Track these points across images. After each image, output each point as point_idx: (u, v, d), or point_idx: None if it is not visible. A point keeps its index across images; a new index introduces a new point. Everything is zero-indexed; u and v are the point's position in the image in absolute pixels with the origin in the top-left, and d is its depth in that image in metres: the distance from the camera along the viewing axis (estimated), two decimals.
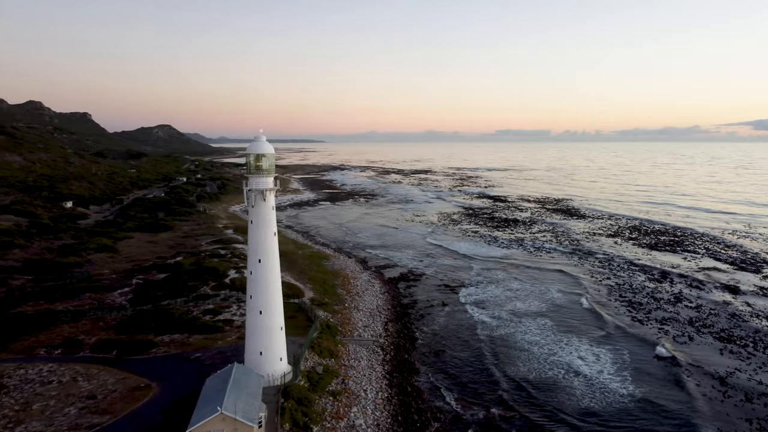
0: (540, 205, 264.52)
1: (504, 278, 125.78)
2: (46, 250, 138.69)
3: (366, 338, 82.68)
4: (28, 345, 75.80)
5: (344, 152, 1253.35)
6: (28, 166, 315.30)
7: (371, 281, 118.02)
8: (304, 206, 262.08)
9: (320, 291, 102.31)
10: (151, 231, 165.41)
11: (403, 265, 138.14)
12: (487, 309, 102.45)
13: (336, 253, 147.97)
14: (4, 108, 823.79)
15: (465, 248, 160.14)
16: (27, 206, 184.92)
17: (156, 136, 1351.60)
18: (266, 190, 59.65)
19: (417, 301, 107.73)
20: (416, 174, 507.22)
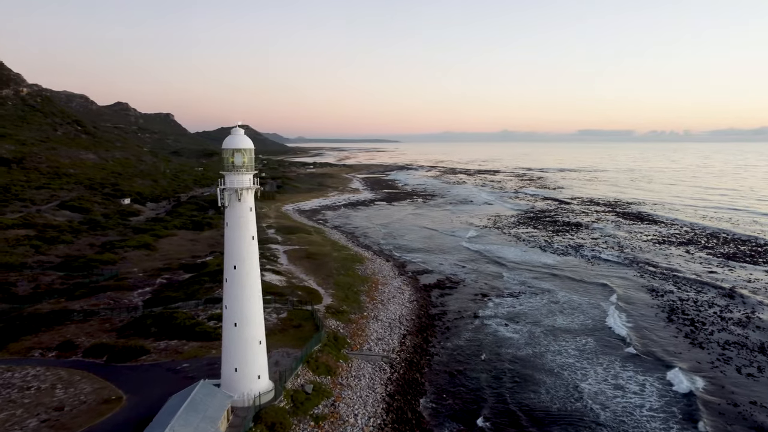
0: (608, 209, 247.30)
1: (549, 289, 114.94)
2: (89, 246, 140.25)
3: (375, 353, 75.46)
4: (28, 345, 73.83)
5: (415, 152, 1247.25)
6: (101, 163, 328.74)
7: (402, 288, 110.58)
8: (359, 206, 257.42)
9: (341, 297, 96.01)
10: (195, 229, 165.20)
11: (443, 271, 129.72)
12: (521, 324, 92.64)
13: (374, 256, 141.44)
14: (94, 109, 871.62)
15: (514, 254, 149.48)
16: (84, 203, 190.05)
17: None
18: (242, 189, 53.75)
19: (447, 311, 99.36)
20: (482, 174, 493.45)
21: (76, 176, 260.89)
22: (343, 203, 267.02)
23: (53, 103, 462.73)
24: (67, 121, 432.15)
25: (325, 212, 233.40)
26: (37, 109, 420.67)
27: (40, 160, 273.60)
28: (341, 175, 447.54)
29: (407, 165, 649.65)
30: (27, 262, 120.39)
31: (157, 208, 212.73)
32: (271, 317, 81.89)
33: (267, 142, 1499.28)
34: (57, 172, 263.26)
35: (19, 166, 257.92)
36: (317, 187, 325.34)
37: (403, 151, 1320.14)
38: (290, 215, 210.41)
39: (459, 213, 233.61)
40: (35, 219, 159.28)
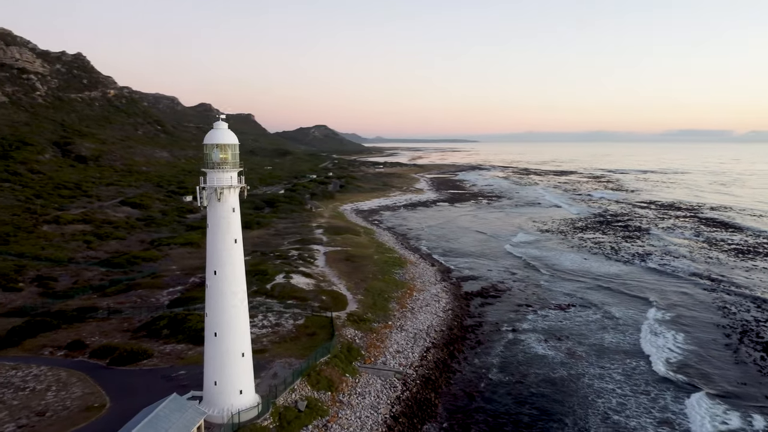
0: (688, 215, 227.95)
1: (604, 302, 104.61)
2: (139, 243, 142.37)
3: (388, 367, 69.52)
4: (42, 343, 73.45)
5: (492, 152, 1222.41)
6: (173, 161, 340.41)
7: (439, 295, 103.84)
8: (419, 207, 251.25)
9: (368, 304, 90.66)
10: (244, 227, 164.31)
11: (490, 278, 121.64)
12: (563, 341, 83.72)
13: (420, 259, 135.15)
14: (179, 109, 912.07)
15: (572, 262, 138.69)
16: (145, 200, 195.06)
17: (312, 135, 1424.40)
18: (223, 188, 49.47)
19: (483, 323, 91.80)
20: (558, 176, 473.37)
21: (147, 174, 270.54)
22: (403, 204, 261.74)
23: (137, 104, 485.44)
24: (148, 121, 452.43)
25: (382, 213, 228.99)
26: (121, 110, 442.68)
27: (115, 157, 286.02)
28: (409, 175, 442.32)
29: (479, 165, 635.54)
30: (75, 257, 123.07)
31: None
32: (287, 324, 77.86)
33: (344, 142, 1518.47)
34: (130, 170, 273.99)
35: (95, 163, 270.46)
36: (381, 187, 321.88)
37: (479, 152, 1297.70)
38: (345, 215, 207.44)
39: (522, 216, 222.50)
40: (95, 215, 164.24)
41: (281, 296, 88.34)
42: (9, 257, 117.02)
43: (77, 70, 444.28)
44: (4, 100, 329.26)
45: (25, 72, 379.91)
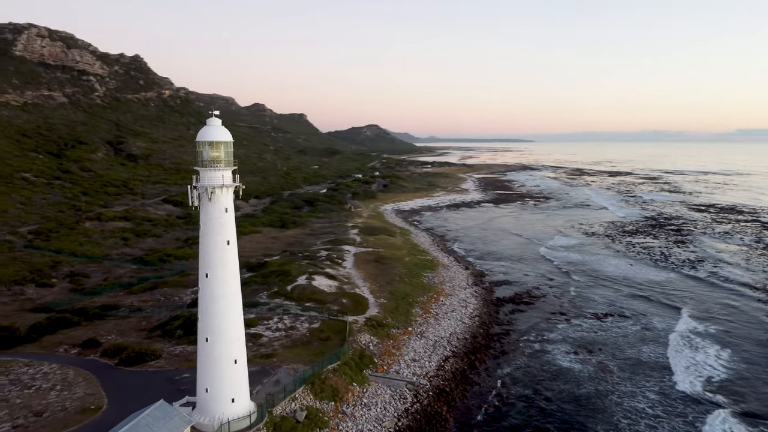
0: (750, 219, 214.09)
1: (646, 312, 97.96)
2: (174, 241, 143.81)
3: (401, 377, 66.18)
4: (59, 340, 73.84)
5: (546, 152, 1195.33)
6: None
7: (467, 301, 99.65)
8: (462, 208, 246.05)
9: (390, 309, 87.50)
10: (281, 227, 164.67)
11: (525, 284, 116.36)
12: (595, 353, 78.25)
13: (453, 262, 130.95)
14: (234, 110, 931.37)
15: (616, 267, 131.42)
16: (186, 198, 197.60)
17: (364, 135, 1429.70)
18: (213, 187, 47.44)
19: (511, 331, 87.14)
20: (612, 176, 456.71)
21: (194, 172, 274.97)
22: (446, 204, 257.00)
23: (190, 105, 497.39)
24: (200, 120, 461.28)
25: (423, 213, 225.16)
26: (175, 110, 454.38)
27: (164, 156, 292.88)
28: (456, 174, 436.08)
29: (531, 165, 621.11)
30: (110, 254, 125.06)
31: (258, 204, 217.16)
32: (302, 327, 75.68)
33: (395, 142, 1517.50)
34: (178, 168, 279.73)
35: (145, 161, 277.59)
36: (425, 187, 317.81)
37: (532, 151, 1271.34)
38: (384, 215, 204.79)
39: (568, 218, 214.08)
40: (136, 212, 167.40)
41: (300, 298, 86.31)
42: (48, 253, 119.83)
43: (134, 72, 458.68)
44: (64, 100, 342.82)
45: (85, 74, 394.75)
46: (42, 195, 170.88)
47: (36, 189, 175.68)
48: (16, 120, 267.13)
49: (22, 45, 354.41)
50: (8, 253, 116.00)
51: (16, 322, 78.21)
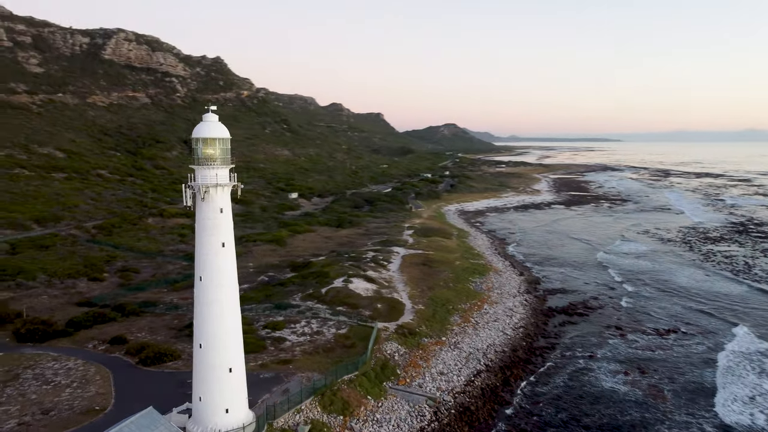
0: None
1: (717, 330, 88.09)
2: None
3: (422, 391, 61.70)
4: (92, 335, 74.67)
5: (632, 152, 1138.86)
6: (292, 159, 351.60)
7: (514, 310, 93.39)
8: (530, 209, 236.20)
9: (426, 315, 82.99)
10: (336, 226, 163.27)
11: (583, 293, 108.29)
12: (648, 374, 70.45)
13: (508, 267, 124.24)
14: (312, 109, 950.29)
15: (690, 278, 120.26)
16: (249, 195, 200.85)
17: (441, 134, 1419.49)
18: (207, 187, 45.07)
19: (557, 345, 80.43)
20: (701, 178, 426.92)
21: (262, 170, 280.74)
22: (514, 205, 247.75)
23: (267, 104, 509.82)
24: (276, 120, 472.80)
25: (488, 214, 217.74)
26: (252, 110, 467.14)
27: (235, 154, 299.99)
28: (531, 174, 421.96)
29: (613, 165, 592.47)
30: (164, 251, 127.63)
31: (320, 203, 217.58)
32: (328, 333, 72.77)
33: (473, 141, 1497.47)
34: (248, 166, 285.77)
35: None
36: (495, 187, 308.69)
37: (618, 151, 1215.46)
38: (445, 216, 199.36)
39: (644, 222, 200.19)
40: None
41: (333, 302, 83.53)
42: (107, 248, 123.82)
43: (215, 73, 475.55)
44: (147, 101, 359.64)
45: (168, 75, 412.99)
46: (113, 191, 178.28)
47: (108, 185, 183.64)
48: (100, 119, 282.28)
49: (111, 49, 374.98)
50: (70, 247, 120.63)
51: (54, 316, 79.99)
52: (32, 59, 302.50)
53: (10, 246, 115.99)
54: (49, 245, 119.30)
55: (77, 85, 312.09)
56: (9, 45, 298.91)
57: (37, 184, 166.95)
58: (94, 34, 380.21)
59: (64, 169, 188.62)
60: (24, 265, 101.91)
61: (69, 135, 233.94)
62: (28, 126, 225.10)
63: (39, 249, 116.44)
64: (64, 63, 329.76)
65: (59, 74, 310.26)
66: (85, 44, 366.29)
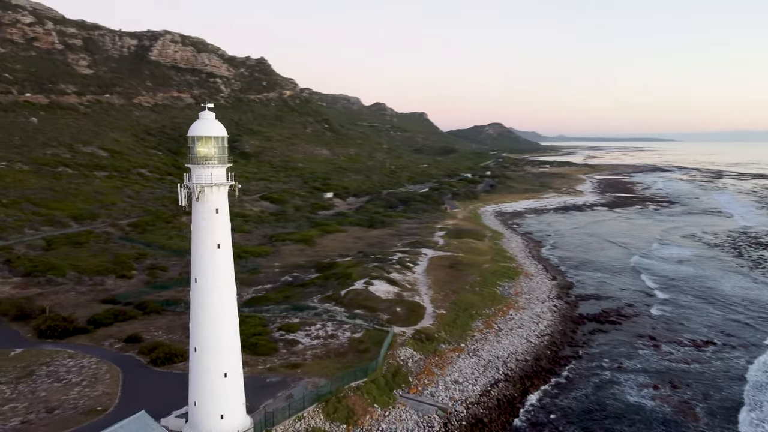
0: None
1: (758, 342, 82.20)
2: (261, 237, 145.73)
3: (433, 400, 59.18)
4: (110, 333, 75.14)
5: (685, 152, 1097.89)
6: (331, 159, 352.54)
7: (542, 316, 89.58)
8: (571, 211, 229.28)
9: (447, 320, 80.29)
10: (368, 226, 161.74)
11: (618, 299, 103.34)
12: (680, 389, 65.90)
13: (540, 271, 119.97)
14: (355, 109, 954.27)
15: (735, 286, 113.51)
16: (285, 195, 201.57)
17: (486, 133, 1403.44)
18: (201, 186, 43.85)
19: (584, 355, 76.43)
20: (756, 179, 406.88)
21: (300, 170, 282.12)
22: (554, 207, 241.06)
23: (310, 104, 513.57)
24: (317, 120, 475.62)
25: (526, 216, 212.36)
26: (294, 110, 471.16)
27: (274, 154, 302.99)
28: (575, 175, 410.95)
29: (663, 166, 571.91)
30: None
31: (355, 203, 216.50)
32: (342, 336, 71.09)
33: (519, 141, 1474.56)
34: (286, 166, 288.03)
35: (256, 159, 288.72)
36: (536, 188, 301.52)
37: (669, 151, 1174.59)
38: (481, 217, 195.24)
39: (690, 226, 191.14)
40: (232, 208, 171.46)
41: (351, 304, 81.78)
42: (138, 245, 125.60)
43: (258, 74, 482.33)
44: (191, 101, 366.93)
45: (213, 76, 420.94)
46: (151, 190, 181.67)
47: (147, 184, 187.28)
48: (144, 119, 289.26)
49: (157, 50, 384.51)
50: (103, 244, 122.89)
51: (76, 312, 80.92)
52: (82, 61, 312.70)
53: (46, 243, 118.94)
54: (83, 242, 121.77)
55: (124, 86, 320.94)
56: (60, 48, 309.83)
57: (78, 182, 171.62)
58: (141, 36, 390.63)
59: (106, 168, 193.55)
60: (55, 262, 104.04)
61: (113, 134, 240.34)
62: (74, 126, 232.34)
63: (73, 246, 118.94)
64: (112, 64, 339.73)
65: (107, 75, 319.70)
66: (133, 46, 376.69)
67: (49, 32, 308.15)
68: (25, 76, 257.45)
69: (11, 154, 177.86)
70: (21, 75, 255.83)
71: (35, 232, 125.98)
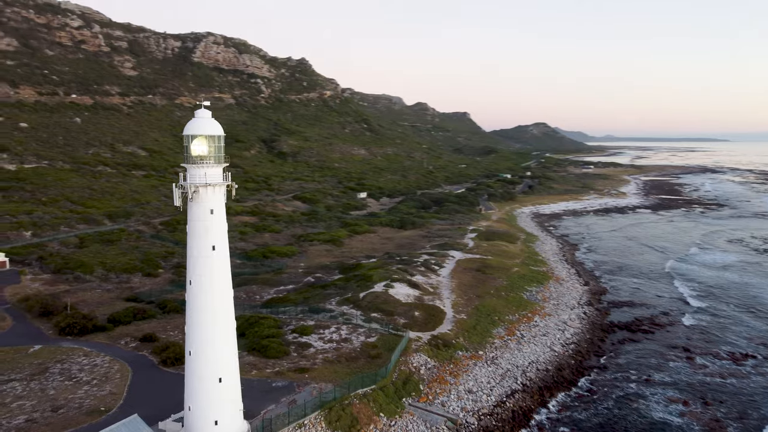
0: None
1: None
2: (290, 236, 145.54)
3: (443, 410, 56.80)
4: (127, 332, 75.43)
5: (741, 152, 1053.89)
6: (369, 158, 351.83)
7: (568, 323, 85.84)
8: (612, 213, 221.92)
9: (467, 326, 77.64)
10: (399, 227, 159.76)
11: (653, 307, 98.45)
12: (713, 406, 61.59)
13: (572, 276, 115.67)
14: (396, 108, 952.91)
15: None
16: (317, 194, 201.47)
17: (530, 134, 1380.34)
18: (196, 186, 42.78)
19: (610, 366, 72.57)
20: None
21: (336, 170, 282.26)
22: (594, 208, 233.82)
23: (349, 104, 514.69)
24: (357, 120, 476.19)
25: (564, 218, 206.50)
26: (333, 110, 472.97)
27: (311, 154, 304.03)
28: (619, 176, 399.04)
29: (714, 167, 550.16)
30: None
31: (389, 203, 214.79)
32: (356, 341, 69.45)
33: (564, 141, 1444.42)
34: (322, 165, 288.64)
35: (293, 159, 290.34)
36: (577, 189, 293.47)
37: (723, 151, 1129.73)
38: (516, 219, 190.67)
39: (738, 230, 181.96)
40: (265, 208, 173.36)
41: (368, 307, 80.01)
42: (168, 244, 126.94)
43: (299, 74, 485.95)
44: (232, 102, 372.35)
45: (254, 77, 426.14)
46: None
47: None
48: (185, 120, 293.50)
49: (200, 52, 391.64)
50: (134, 242, 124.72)
51: (97, 311, 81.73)
52: (127, 63, 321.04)
53: (79, 240, 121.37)
54: (114, 240, 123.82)
55: (167, 87, 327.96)
56: (107, 50, 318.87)
57: (116, 181, 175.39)
58: (185, 38, 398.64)
59: (144, 167, 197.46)
60: (85, 260, 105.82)
61: (153, 134, 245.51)
62: (116, 126, 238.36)
63: (105, 244, 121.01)
64: (156, 66, 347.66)
65: (151, 77, 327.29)
66: (177, 48, 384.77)
67: (96, 35, 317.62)
68: (71, 77, 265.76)
69: (54, 153, 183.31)
70: (68, 77, 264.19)
71: (70, 229, 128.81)
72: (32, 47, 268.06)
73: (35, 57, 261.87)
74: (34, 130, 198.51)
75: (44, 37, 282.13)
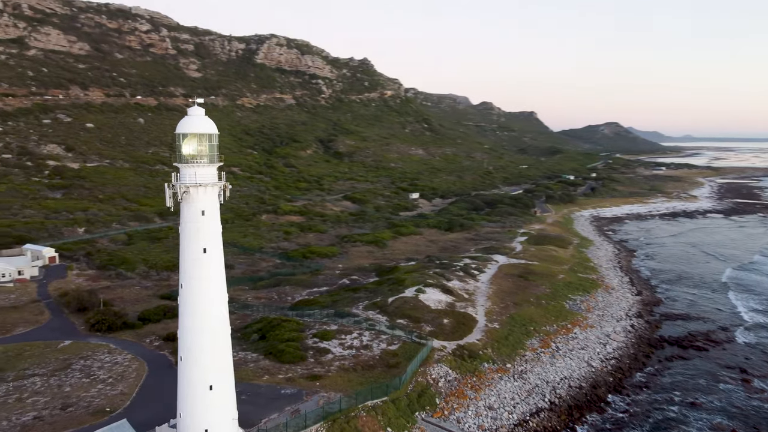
0: None
1: None
2: (334, 237, 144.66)
3: (457, 428, 53.24)
4: (153, 330, 76.01)
5: None
6: (426, 159, 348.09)
7: (612, 336, 79.88)
8: (679, 217, 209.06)
9: (498, 336, 73.44)
10: (446, 229, 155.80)
11: (711, 321, 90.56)
12: None
13: (624, 285, 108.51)
14: (460, 108, 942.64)
15: None
16: (367, 194, 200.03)
17: (601, 134, 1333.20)
18: (187, 186, 41.35)
19: (653, 385, 66.63)
20: None
21: (392, 170, 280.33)
22: (660, 212, 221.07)
23: (410, 104, 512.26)
24: (417, 119, 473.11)
25: (625, 222, 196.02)
26: (394, 110, 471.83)
27: (367, 154, 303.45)
28: (692, 178, 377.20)
29: None
30: (265, 247, 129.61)
31: (440, 204, 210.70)
32: (376, 348, 66.85)
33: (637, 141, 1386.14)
34: (378, 165, 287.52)
35: (349, 159, 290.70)
36: (643, 191, 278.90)
37: None
38: (573, 222, 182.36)
39: None
40: (314, 208, 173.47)
41: (395, 313, 77.17)
42: None
43: (361, 74, 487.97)
44: (292, 102, 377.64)
45: (315, 77, 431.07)
46: (238, 188, 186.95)
47: (236, 182, 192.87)
48: (245, 120, 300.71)
49: (263, 53, 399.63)
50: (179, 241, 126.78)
51: (127, 308, 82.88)
52: (192, 65, 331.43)
53: (128, 237, 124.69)
54: (161, 238, 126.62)
55: (230, 88, 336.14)
56: (173, 53, 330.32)
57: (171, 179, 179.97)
58: (249, 40, 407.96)
59: None
60: (129, 256, 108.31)
61: None
62: None
63: (151, 241, 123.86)
64: (220, 68, 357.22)
65: (215, 78, 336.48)
66: (241, 50, 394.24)
67: (164, 39, 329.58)
68: (138, 80, 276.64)
69: (116, 152, 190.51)
70: (135, 79, 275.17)
71: (122, 226, 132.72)
72: (103, 51, 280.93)
73: (105, 60, 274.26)
74: (99, 130, 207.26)
75: (115, 41, 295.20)
